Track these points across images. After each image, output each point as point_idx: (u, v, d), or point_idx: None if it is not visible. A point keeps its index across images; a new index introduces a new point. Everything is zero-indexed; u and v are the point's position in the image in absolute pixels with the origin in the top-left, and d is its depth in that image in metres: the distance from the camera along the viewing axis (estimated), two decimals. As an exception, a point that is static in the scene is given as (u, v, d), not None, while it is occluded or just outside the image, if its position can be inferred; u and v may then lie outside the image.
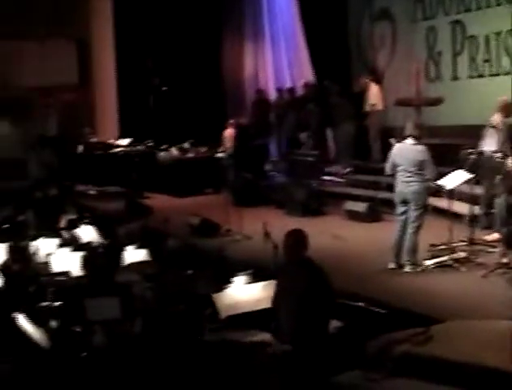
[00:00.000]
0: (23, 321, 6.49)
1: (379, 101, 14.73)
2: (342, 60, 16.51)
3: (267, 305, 6.26)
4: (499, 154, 8.99)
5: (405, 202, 8.49)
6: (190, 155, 16.30)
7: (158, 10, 18.55)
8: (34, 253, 8.74)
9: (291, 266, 6.07)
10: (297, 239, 6.05)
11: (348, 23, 16.78)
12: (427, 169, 8.28)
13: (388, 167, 8.65)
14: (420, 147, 8.38)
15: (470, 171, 8.96)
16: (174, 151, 16.40)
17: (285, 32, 17.99)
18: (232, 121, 16.46)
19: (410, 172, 8.34)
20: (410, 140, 8.43)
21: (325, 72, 16.03)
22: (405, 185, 8.40)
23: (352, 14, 16.71)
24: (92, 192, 15.41)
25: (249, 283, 6.82)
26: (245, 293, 6.56)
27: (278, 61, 18.28)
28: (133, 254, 8.04)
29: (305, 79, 16.95)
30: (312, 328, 5.69)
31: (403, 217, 8.55)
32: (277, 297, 6.08)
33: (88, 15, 18.68)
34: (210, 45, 19.22)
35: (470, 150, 9.36)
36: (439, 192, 9.59)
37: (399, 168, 8.46)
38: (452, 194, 8.99)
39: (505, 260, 8.20)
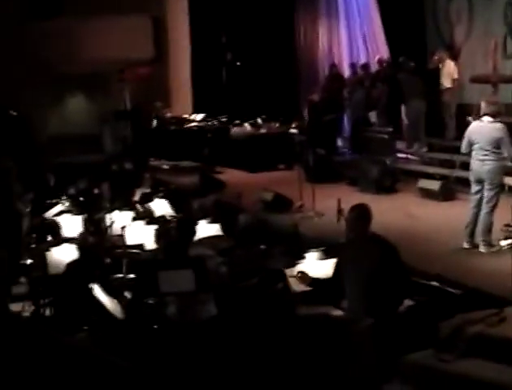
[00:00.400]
0: (98, 292, 6.65)
1: (456, 78, 14.44)
2: (418, 36, 16.23)
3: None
4: None
5: (480, 181, 8.34)
6: (263, 131, 16.32)
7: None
8: (109, 226, 8.91)
9: (358, 242, 6.04)
10: (360, 213, 6.02)
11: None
12: (504, 147, 8.11)
13: (463, 145, 8.51)
14: (498, 125, 8.21)
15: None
16: (247, 126, 16.45)
17: (360, 8, 17.78)
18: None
19: (486, 150, 8.18)
20: (486, 118, 8.27)
21: (400, 48, 15.79)
22: (481, 164, 8.25)
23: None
24: (165, 166, 15.60)
25: (322, 259, 6.83)
26: (317, 269, 6.57)
27: (352, 36, 18.09)
28: (206, 229, 8.13)
29: (380, 55, 16.75)
30: (384, 306, 5.68)
31: (478, 196, 8.41)
32: (342, 274, 6.05)
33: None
34: (284, 20, 19.16)
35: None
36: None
37: (475, 146, 8.31)
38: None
39: None
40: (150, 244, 7.86)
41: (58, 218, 9.48)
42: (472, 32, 15.18)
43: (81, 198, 11.61)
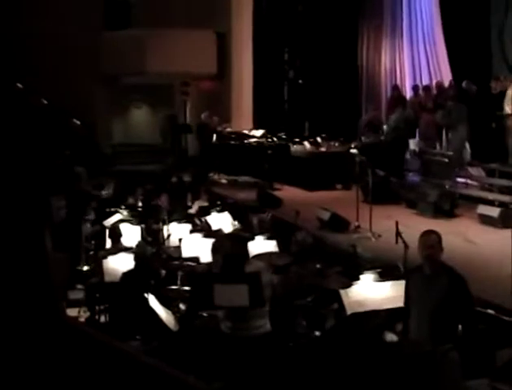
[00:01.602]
0: (153, 302, 6.72)
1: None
2: (483, 59, 16.06)
3: (394, 304, 6.20)
4: None
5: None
6: (322, 149, 16.32)
7: (296, 3, 18.67)
8: (167, 238, 9.01)
9: (428, 269, 5.98)
10: (436, 241, 5.98)
11: (490, 20, 16.29)
12: None
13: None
14: None
15: None
16: (307, 145, 16.47)
17: (424, 29, 17.70)
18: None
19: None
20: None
21: (464, 72, 15.65)
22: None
23: (495, 10, 16.20)
24: (224, 180, 15.72)
25: (378, 281, 6.78)
26: (372, 291, 6.52)
27: (415, 58, 18.02)
28: (263, 244, 8.15)
29: (443, 78, 16.63)
30: (446, 336, 5.63)
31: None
32: (408, 300, 6.01)
33: (229, 7, 19.04)
34: (347, 40, 19.18)
35: None
36: None
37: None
38: None
39: None
40: (206, 257, 7.89)
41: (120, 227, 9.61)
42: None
43: (140, 208, 11.77)
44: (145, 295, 6.81)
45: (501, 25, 16.07)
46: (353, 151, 14.99)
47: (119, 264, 7.90)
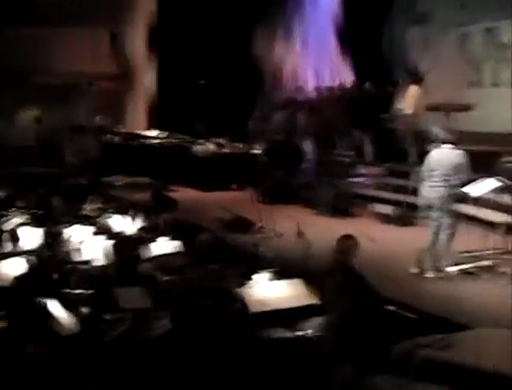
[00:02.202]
0: (50, 306, 6.56)
1: (415, 105, 14.62)
2: (380, 62, 16.44)
3: (294, 303, 6.27)
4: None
5: (435, 208, 8.43)
6: (225, 150, 16.34)
7: (196, 2, 18.63)
8: (66, 240, 8.83)
9: (339, 272, 6.08)
10: (350, 245, 6.07)
11: (391, 24, 16.69)
12: (462, 174, 8.21)
13: (423, 172, 8.59)
14: (458, 151, 8.31)
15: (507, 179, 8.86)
16: (209, 145, 16.45)
17: (326, 31, 17.93)
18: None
19: (443, 177, 8.27)
20: (447, 145, 8.37)
21: (362, 74, 15.98)
22: (437, 190, 8.34)
23: (395, 16, 16.61)
24: (119, 182, 15.50)
25: (278, 280, 6.83)
26: (272, 291, 6.57)
27: (317, 60, 18.23)
28: (164, 246, 8.10)
29: (345, 79, 16.91)
30: (355, 338, 5.73)
31: (436, 223, 8.50)
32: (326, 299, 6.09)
33: (123, 7, 18.86)
34: (246, 40, 19.20)
35: (507, 158, 9.30)
36: (471, 199, 9.52)
37: (433, 173, 8.40)
38: (482, 202, 8.92)
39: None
40: (103, 259, 7.80)
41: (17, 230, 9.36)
42: (434, 61, 15.43)
43: (37, 211, 11.46)
44: (41, 299, 6.65)
45: (401, 29, 16.51)
46: (256, 152, 15.09)
47: (12, 268, 7.68)
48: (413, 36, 16.01)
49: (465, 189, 8.57)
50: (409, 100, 14.52)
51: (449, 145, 8.36)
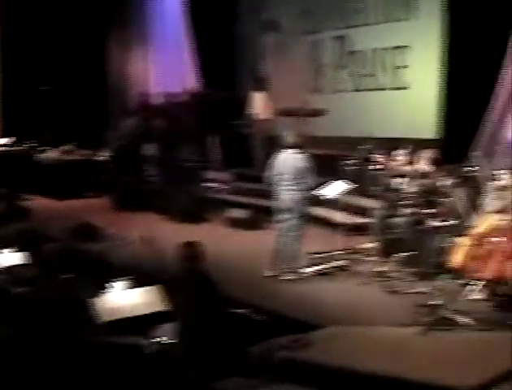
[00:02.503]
0: None
1: (264, 111, 14.86)
2: (229, 68, 16.59)
3: (147, 310, 6.18)
4: (378, 167, 9.24)
5: (286, 210, 8.57)
6: (72, 157, 15.95)
7: (43, 6, 18.10)
8: None
9: (186, 277, 6.03)
10: (194, 251, 6.03)
11: (236, 31, 16.89)
12: (308, 178, 8.38)
13: (270, 175, 8.70)
14: (302, 156, 8.47)
15: (350, 181, 9.15)
16: (56, 152, 16.01)
17: (172, 37, 17.92)
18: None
19: (290, 181, 8.41)
20: (291, 150, 8.52)
21: (212, 80, 16.06)
22: (286, 194, 8.48)
23: (241, 22, 16.82)
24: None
25: (130, 288, 6.71)
26: (124, 299, 6.45)
27: (163, 65, 18.18)
28: (10, 257, 7.77)
29: (190, 85, 16.94)
30: (204, 337, 5.69)
31: (284, 225, 8.63)
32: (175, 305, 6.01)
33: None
34: (96, 46, 18.87)
35: (353, 161, 9.59)
36: (320, 201, 9.75)
37: (281, 177, 8.53)
38: (332, 204, 9.16)
39: (380, 268, 8.45)
40: None
41: None
42: (281, 67, 15.73)
43: None
44: None
45: (247, 38, 16.71)
46: (103, 158, 14.82)
47: None
48: (263, 43, 16.25)
49: (317, 192, 8.75)
50: (259, 105, 14.76)
51: (294, 150, 8.50)
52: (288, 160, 8.52)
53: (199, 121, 15.43)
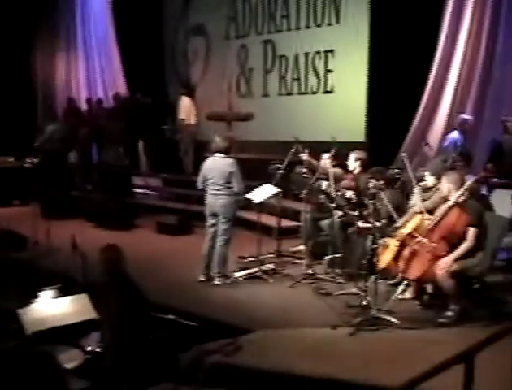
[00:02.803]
0: None
1: (191, 115, 14.85)
2: (157, 73, 16.53)
3: (75, 319, 6.10)
4: (305, 170, 9.31)
5: (214, 215, 8.56)
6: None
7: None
8: None
9: (108, 282, 5.95)
10: (112, 254, 5.94)
11: (163, 36, 16.84)
12: (235, 182, 8.39)
13: (199, 180, 8.68)
14: (229, 160, 8.47)
15: (278, 185, 9.20)
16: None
17: (98, 42, 17.76)
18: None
19: (218, 185, 8.41)
20: (219, 154, 8.52)
21: (139, 84, 15.96)
22: (214, 198, 8.47)
23: (167, 27, 16.78)
24: None
25: (57, 297, 6.62)
26: (52, 308, 6.36)
27: (90, 71, 18.02)
28: None
29: (118, 90, 16.82)
30: (130, 343, 5.61)
31: (212, 229, 8.62)
32: (100, 312, 5.94)
33: None
34: (20, 51, 18.55)
35: (279, 165, 9.64)
36: (249, 205, 9.78)
37: (209, 181, 8.52)
38: (260, 208, 9.18)
39: (310, 271, 8.52)
40: None
41: None
42: (209, 72, 15.76)
43: None
44: None
45: (173, 42, 16.67)
46: (28, 166, 14.50)
47: None
48: (191, 48, 16.24)
49: (246, 196, 8.76)
50: (187, 110, 14.74)
51: (221, 154, 8.51)
52: (214, 164, 8.52)
53: (127, 126, 15.30)
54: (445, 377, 3.47)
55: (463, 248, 6.78)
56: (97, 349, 5.96)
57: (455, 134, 10.38)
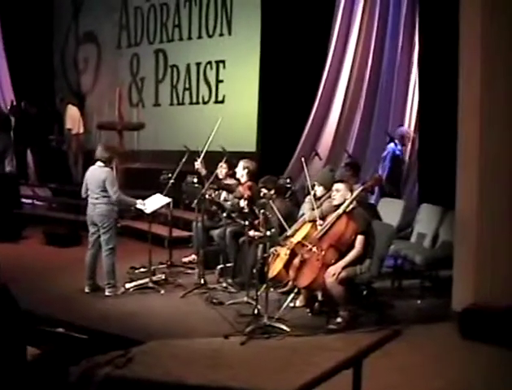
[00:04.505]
0: None
1: (78, 125, 14.62)
2: (46, 81, 16.18)
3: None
4: (195, 180, 9.33)
5: (94, 224, 8.45)
6: None
7: None
8: None
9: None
10: None
11: (53, 43, 16.50)
12: (109, 190, 8.28)
13: (82, 190, 8.55)
14: (105, 169, 8.37)
15: (169, 195, 9.16)
16: None
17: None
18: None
19: (95, 194, 8.32)
20: (99, 163, 8.42)
21: (27, 92, 15.55)
22: (93, 207, 8.37)
23: (57, 34, 16.46)
24: None
25: None
26: None
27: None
28: None
29: (5, 98, 16.38)
30: (8, 358, 5.40)
31: (93, 238, 8.50)
32: None
33: None
34: None
35: (170, 175, 9.62)
36: (140, 215, 9.70)
37: (89, 191, 8.42)
38: (152, 217, 9.11)
39: (202, 280, 8.52)
40: None
41: None
42: (99, 80, 15.58)
43: None
44: None
45: (63, 49, 16.36)
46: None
47: None
48: (81, 55, 15.99)
49: (138, 206, 8.66)
50: (73, 120, 14.49)
51: (100, 163, 8.41)
52: (93, 173, 8.43)
53: (14, 135, 14.92)
54: (335, 382, 3.53)
55: (352, 255, 6.93)
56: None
57: (392, 145, 10.62)
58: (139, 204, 8.63)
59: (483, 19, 6.75)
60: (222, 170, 9.54)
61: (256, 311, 7.14)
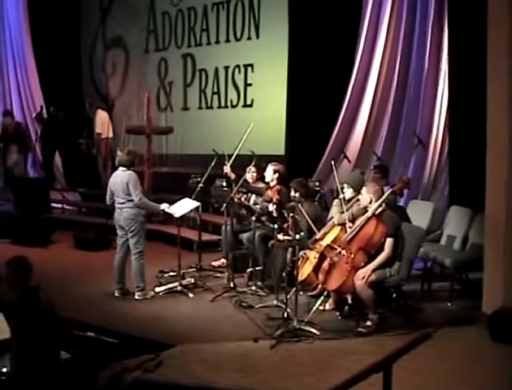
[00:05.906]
0: None
1: (108, 129, 14.67)
2: (74, 86, 16.28)
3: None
4: (224, 184, 9.33)
5: (122, 228, 8.47)
6: None
7: None
8: None
9: (16, 297, 5.75)
10: (18, 265, 5.73)
11: (81, 48, 16.61)
12: (132, 193, 8.29)
13: (107, 195, 8.58)
14: (128, 172, 8.39)
15: (197, 198, 9.17)
16: None
17: (14, 53, 17.35)
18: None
19: (122, 198, 8.34)
20: (121, 167, 8.44)
21: (56, 98, 15.66)
22: (119, 211, 8.40)
23: (85, 40, 16.56)
24: None
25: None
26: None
27: (6, 82, 17.59)
28: None
29: (35, 103, 16.49)
30: (40, 361, 5.43)
31: (121, 241, 8.52)
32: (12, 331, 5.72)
33: None
34: None
35: (199, 179, 9.63)
36: (168, 219, 9.72)
37: (114, 195, 8.45)
38: (181, 221, 9.12)
39: (231, 284, 8.52)
40: None
41: None
42: (127, 85, 15.64)
43: None
44: None
45: (91, 55, 16.46)
46: None
47: None
48: (109, 60, 16.07)
49: (168, 210, 8.67)
50: (102, 124, 14.55)
51: (123, 167, 8.43)
52: (116, 178, 8.45)
53: (43, 140, 15.05)
54: (364, 386, 3.50)
55: (381, 258, 6.90)
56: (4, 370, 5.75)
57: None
58: (164, 208, 8.63)
59: (510, 20, 6.69)
60: (251, 173, 9.54)
61: (285, 315, 7.11)
